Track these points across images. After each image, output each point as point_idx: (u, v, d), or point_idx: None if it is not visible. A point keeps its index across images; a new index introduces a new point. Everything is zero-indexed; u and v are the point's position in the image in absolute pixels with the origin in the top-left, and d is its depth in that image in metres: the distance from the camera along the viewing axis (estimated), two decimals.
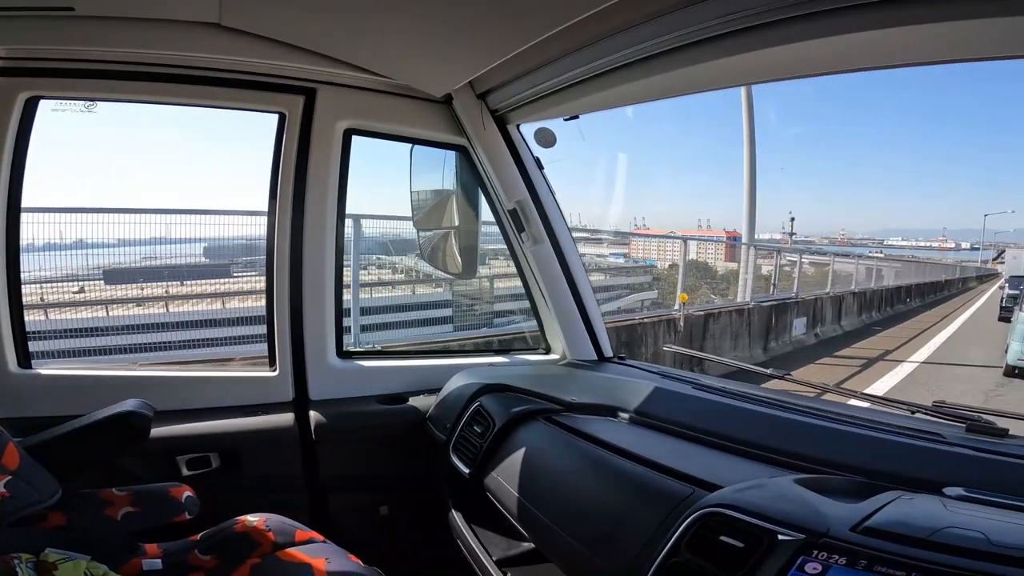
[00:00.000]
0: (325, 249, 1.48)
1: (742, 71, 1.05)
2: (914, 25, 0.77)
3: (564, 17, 0.94)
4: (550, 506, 1.05)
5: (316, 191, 1.45)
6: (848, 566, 0.66)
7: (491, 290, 5.76)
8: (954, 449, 0.95)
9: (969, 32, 0.77)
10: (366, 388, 1.57)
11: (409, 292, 5.95)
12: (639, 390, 1.32)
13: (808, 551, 0.69)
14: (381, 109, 1.49)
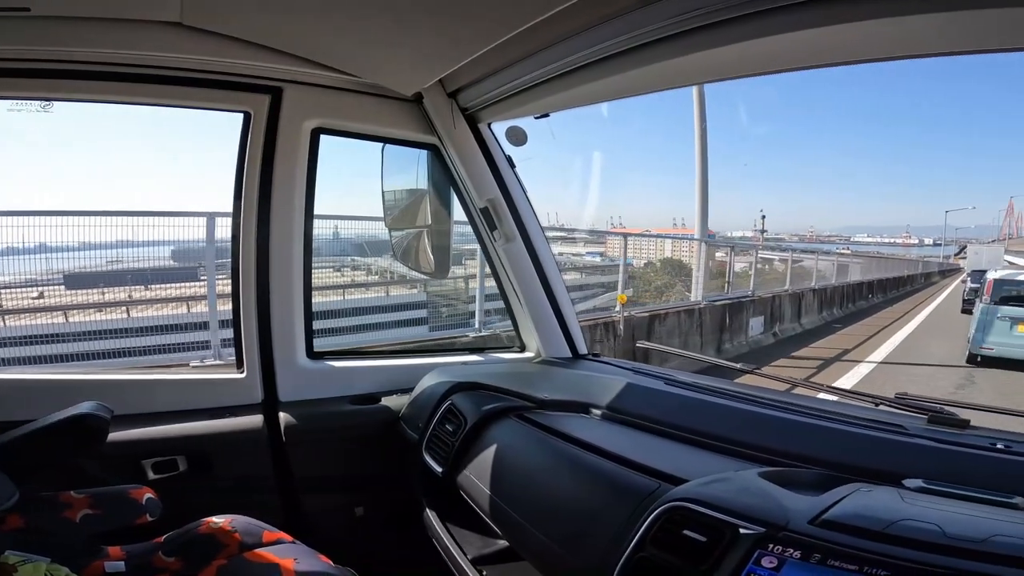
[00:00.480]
0: (293, 249, 1.46)
1: (712, 67, 1.05)
2: (867, 20, 0.78)
3: (532, 14, 0.94)
4: (521, 504, 1.05)
5: (283, 191, 1.43)
6: (803, 560, 0.67)
7: (467, 290, 5.74)
8: (915, 441, 0.97)
9: (918, 28, 0.79)
10: (338, 389, 1.55)
11: (383, 293, 5.90)
12: (611, 386, 1.34)
13: (765, 544, 0.69)
14: (350, 108, 1.48)
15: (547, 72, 1.18)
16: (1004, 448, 0.93)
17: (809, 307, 11.76)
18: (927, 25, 0.77)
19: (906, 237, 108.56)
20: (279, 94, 1.40)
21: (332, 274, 5.50)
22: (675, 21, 0.89)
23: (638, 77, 1.09)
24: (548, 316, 1.68)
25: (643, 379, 1.40)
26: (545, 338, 1.71)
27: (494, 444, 1.19)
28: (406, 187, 1.69)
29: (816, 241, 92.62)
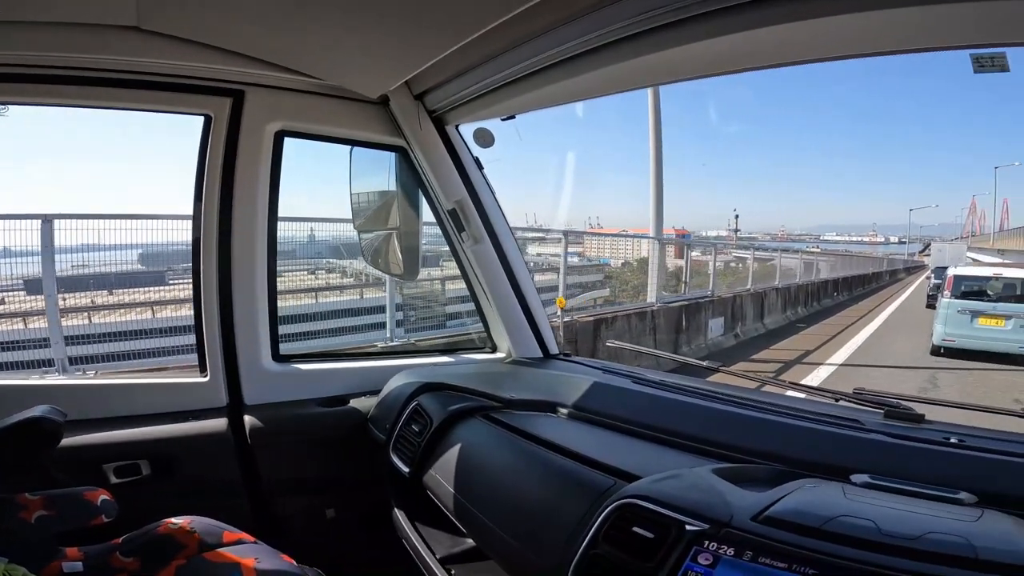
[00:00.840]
0: (256, 252, 1.45)
1: (678, 66, 1.05)
2: (831, 16, 0.77)
3: (496, 15, 0.94)
4: (485, 503, 1.06)
5: (245, 193, 1.42)
6: (736, 557, 0.68)
7: (442, 292, 5.72)
8: (869, 436, 0.98)
9: (878, 24, 0.79)
10: (306, 391, 1.54)
11: (357, 296, 5.84)
12: (579, 386, 1.35)
13: (701, 542, 0.70)
14: (314, 111, 1.47)
15: (513, 73, 1.18)
16: (957, 442, 0.94)
17: (773, 307, 11.50)
18: (886, 22, 0.78)
19: (873, 235, 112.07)
20: (241, 97, 1.39)
21: (305, 277, 5.42)
22: (640, 19, 0.89)
23: (604, 77, 1.10)
24: (518, 317, 1.69)
25: (611, 378, 1.42)
26: (515, 339, 1.72)
27: (459, 444, 1.20)
28: (374, 189, 1.69)
29: (787, 240, 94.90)
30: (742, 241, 34.14)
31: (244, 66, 1.28)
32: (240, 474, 1.44)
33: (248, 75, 1.34)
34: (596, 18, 0.93)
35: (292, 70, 1.33)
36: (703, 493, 0.78)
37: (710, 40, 0.87)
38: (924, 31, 0.80)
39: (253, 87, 1.39)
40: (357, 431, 1.52)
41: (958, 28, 0.79)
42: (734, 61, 1.00)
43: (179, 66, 1.28)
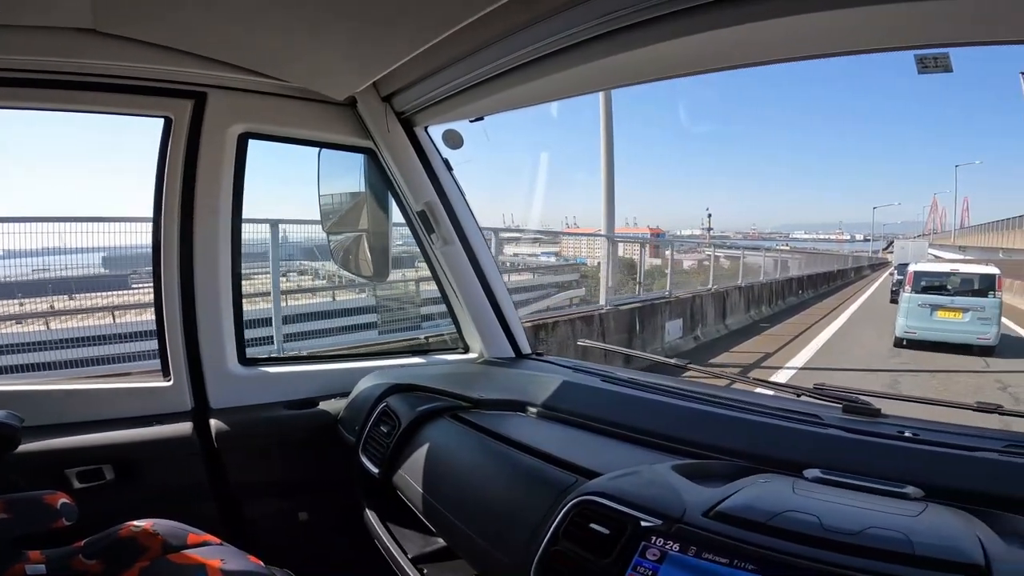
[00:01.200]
0: (219, 256, 1.43)
1: (647, 65, 1.05)
2: (802, 15, 0.77)
3: (462, 15, 0.94)
4: (452, 502, 1.06)
5: (207, 196, 1.40)
6: (681, 552, 0.69)
7: (416, 293, 5.67)
8: (826, 430, 1.00)
9: (844, 24, 0.80)
10: (274, 394, 1.53)
11: (329, 298, 5.76)
12: (548, 385, 1.36)
13: (649, 537, 0.71)
14: (280, 113, 1.46)
15: (482, 74, 1.19)
16: (911, 436, 0.96)
17: (735, 306, 11.12)
18: (833, 24, 0.79)
19: (839, 234, 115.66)
20: (203, 99, 1.37)
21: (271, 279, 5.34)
22: (608, 19, 0.89)
23: (573, 77, 1.10)
24: (489, 317, 1.70)
25: (581, 377, 1.44)
26: (487, 339, 1.73)
27: (427, 444, 1.21)
28: (343, 191, 1.68)
29: (759, 238, 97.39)
30: (715, 240, 34.78)
31: (206, 68, 1.26)
32: (207, 478, 1.43)
33: (210, 77, 1.33)
34: (564, 18, 0.93)
35: (256, 72, 1.31)
36: (659, 489, 0.79)
37: (678, 40, 0.88)
38: (869, 32, 0.82)
39: (215, 89, 1.37)
40: (327, 433, 1.51)
41: (903, 29, 0.80)
42: (701, 61, 1.01)
43: (138, 68, 1.26)
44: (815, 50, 0.91)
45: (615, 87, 1.21)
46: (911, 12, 0.73)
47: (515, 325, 1.76)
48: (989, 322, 8.81)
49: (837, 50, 0.90)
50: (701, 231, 65.90)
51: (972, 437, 0.96)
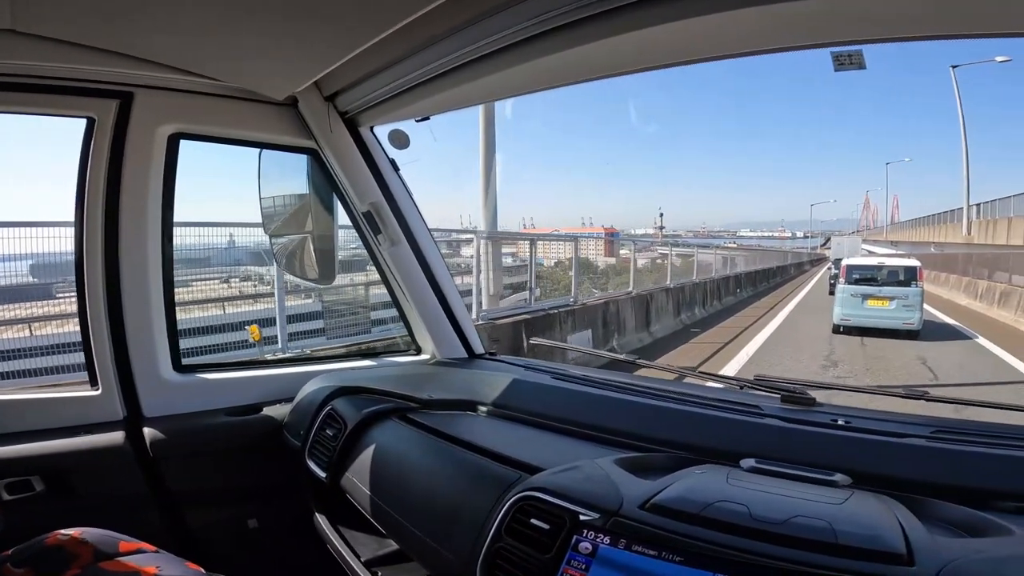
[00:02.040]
0: (148, 261, 1.37)
1: (590, 63, 1.04)
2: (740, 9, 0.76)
3: (403, 14, 0.92)
4: (400, 504, 1.06)
5: (134, 199, 1.34)
6: (612, 545, 0.70)
7: (366, 296, 5.55)
8: (764, 420, 1.02)
9: (745, 25, 0.81)
10: (214, 401, 1.49)
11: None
12: (499, 384, 1.37)
13: (582, 530, 0.72)
14: (214, 113, 1.40)
15: (425, 73, 1.17)
16: (844, 424, 0.99)
17: (662, 311, 10.22)
18: (751, 21, 0.80)
19: (782, 231, 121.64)
20: (129, 99, 1.31)
21: (217, 286, 5.07)
22: (549, 17, 0.89)
23: (516, 75, 1.09)
24: (440, 318, 1.69)
25: (532, 375, 1.45)
26: (439, 340, 1.72)
27: (374, 446, 1.20)
28: (286, 193, 1.64)
29: (708, 236, 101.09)
30: (667, 238, 35.60)
31: (133, 67, 1.20)
32: (146, 488, 1.38)
33: (138, 76, 1.27)
34: (506, 16, 0.93)
35: (188, 71, 1.26)
36: (597, 484, 0.80)
37: (617, 37, 0.88)
38: (785, 30, 0.84)
39: (143, 89, 1.31)
40: (272, 439, 1.47)
41: (821, 26, 0.82)
42: (641, 59, 1.01)
43: (60, 68, 1.19)
44: (742, 48, 0.92)
45: (560, 85, 1.20)
46: (829, 10, 0.75)
47: (467, 325, 1.75)
48: (912, 308, 9.77)
49: (762, 48, 0.91)
50: (654, 229, 67.76)
51: (901, 424, 0.99)
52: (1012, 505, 0.79)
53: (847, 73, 1.19)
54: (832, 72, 1.26)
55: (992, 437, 0.93)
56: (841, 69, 1.23)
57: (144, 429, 1.38)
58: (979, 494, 0.80)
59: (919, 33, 0.79)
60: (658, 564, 0.67)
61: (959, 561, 0.60)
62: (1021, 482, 0.82)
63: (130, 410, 1.40)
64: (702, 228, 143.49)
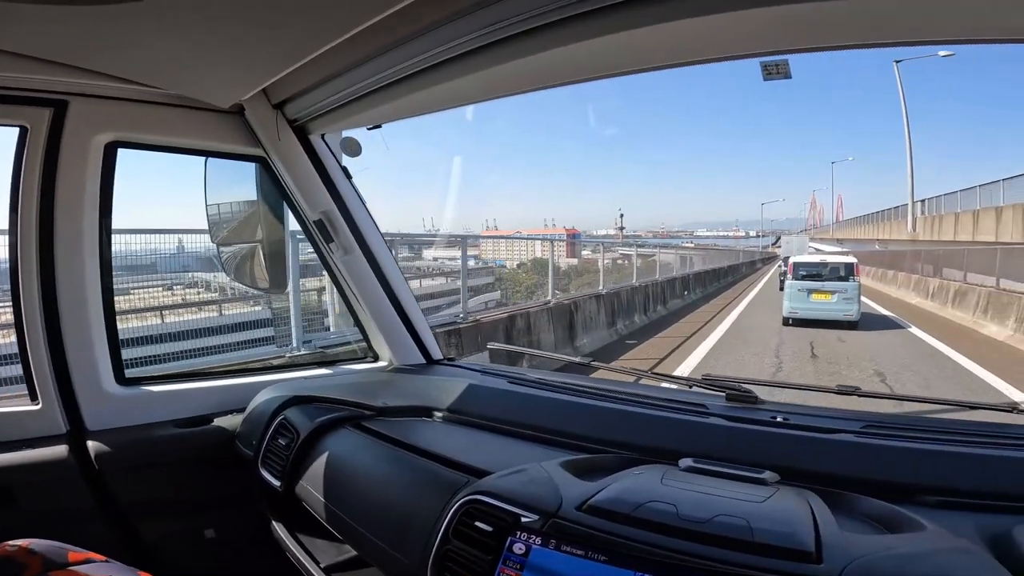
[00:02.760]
0: (86, 271, 1.33)
1: (542, 71, 1.04)
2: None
3: (352, 23, 0.92)
4: (354, 510, 1.07)
5: (69, 208, 1.29)
6: (542, 545, 0.73)
7: (319, 303, 5.42)
8: (708, 419, 1.04)
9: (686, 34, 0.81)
10: (161, 413, 1.45)
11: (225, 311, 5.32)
12: (455, 389, 1.39)
13: (515, 531, 0.75)
14: (155, 121, 1.37)
15: (376, 82, 1.17)
16: (782, 421, 1.02)
17: (591, 321, 9.13)
18: (687, 32, 0.80)
19: (736, 231, 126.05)
20: (63, 107, 1.26)
21: (160, 293, 4.83)
22: (499, 27, 0.89)
23: (467, 85, 1.09)
24: (396, 325, 1.69)
25: (489, 379, 1.47)
26: (395, 347, 1.72)
27: (328, 455, 1.20)
28: (234, 200, 1.60)
29: (667, 236, 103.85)
30: (628, 239, 35.99)
31: (67, 76, 1.16)
32: (94, 501, 1.34)
33: (73, 85, 1.22)
34: (456, 26, 0.93)
35: (126, 79, 1.22)
36: (539, 486, 0.82)
37: (566, 47, 0.88)
38: (716, 41, 0.85)
39: (79, 97, 1.27)
40: (224, 449, 1.45)
41: (748, 37, 0.83)
42: (590, 68, 1.02)
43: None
44: (689, 57, 0.93)
45: (511, 94, 1.21)
46: (761, 19, 0.76)
47: (424, 331, 1.76)
48: (851, 301, 10.68)
49: (718, 56, 0.93)
50: (615, 231, 68.93)
51: (835, 419, 1.02)
52: (933, 499, 0.81)
53: (795, 73, 1.25)
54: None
55: (919, 431, 0.96)
56: (770, 78, 1.26)
57: (88, 443, 1.34)
58: (902, 488, 0.83)
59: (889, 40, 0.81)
60: (584, 563, 0.69)
61: (866, 558, 0.62)
62: (942, 476, 0.84)
63: (72, 424, 1.36)
64: (661, 228, 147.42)
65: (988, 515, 0.76)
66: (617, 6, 0.80)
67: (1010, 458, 0.87)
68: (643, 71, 1.03)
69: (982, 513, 0.77)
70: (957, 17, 0.72)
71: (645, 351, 8.58)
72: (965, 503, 0.80)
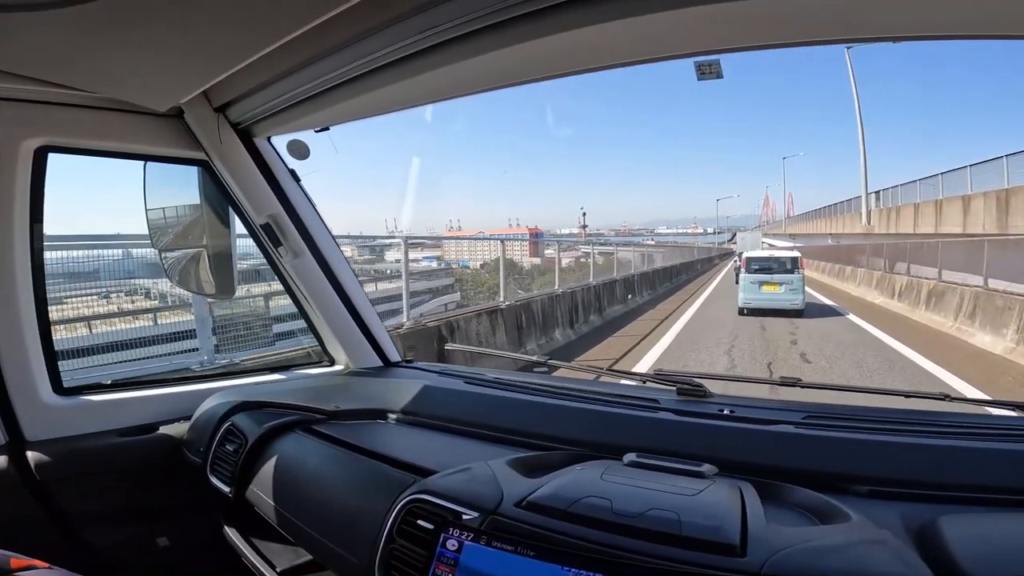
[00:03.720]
0: (16, 279, 1.27)
1: (490, 72, 1.03)
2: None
3: (298, 23, 0.89)
4: (305, 513, 1.06)
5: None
6: (474, 541, 0.74)
7: (267, 309, 5.25)
8: (658, 414, 1.05)
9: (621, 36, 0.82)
10: (104, 423, 1.41)
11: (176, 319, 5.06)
12: (410, 391, 1.39)
13: (448, 528, 0.76)
14: (88, 125, 1.31)
15: (321, 84, 1.15)
16: (728, 414, 1.03)
17: (548, 322, 8.74)
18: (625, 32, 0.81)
19: (694, 228, 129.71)
20: None
21: (96, 302, 4.57)
22: (445, 28, 0.88)
23: (416, 86, 1.08)
24: (351, 328, 1.68)
25: (445, 380, 1.48)
26: (351, 350, 1.71)
27: (278, 459, 1.19)
28: (177, 205, 1.56)
29: (629, 234, 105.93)
30: (591, 237, 36.32)
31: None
32: (39, 511, 1.30)
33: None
34: (402, 28, 0.92)
35: (56, 84, 1.17)
36: (482, 484, 0.82)
37: (514, 47, 0.87)
38: (656, 41, 0.86)
39: (5, 101, 1.21)
40: (171, 457, 1.42)
41: (687, 36, 0.83)
42: (539, 67, 1.01)
43: None
44: (635, 56, 0.93)
45: (460, 95, 1.20)
46: (697, 18, 0.76)
47: (380, 334, 1.75)
48: (797, 292, 11.85)
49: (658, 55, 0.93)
50: (578, 229, 69.74)
51: (778, 411, 1.04)
52: (865, 489, 0.82)
53: (743, 71, 1.22)
54: (729, 74, 1.30)
55: (856, 421, 0.98)
56: (703, 78, 1.25)
57: (28, 453, 1.30)
58: (836, 478, 0.84)
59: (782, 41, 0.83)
60: (513, 559, 0.70)
61: (788, 551, 0.62)
62: (874, 465, 0.86)
63: (11, 435, 1.31)
64: (623, 227, 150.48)
65: (916, 504, 0.77)
66: (558, 7, 0.79)
67: (939, 446, 0.88)
68: (589, 71, 1.03)
69: (910, 502, 0.78)
70: (894, 15, 0.73)
71: (605, 351, 8.47)
72: (895, 492, 0.81)
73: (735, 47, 0.86)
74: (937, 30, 0.76)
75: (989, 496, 0.78)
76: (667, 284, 19.62)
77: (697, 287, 20.30)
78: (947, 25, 0.75)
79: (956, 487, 0.80)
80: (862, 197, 25.03)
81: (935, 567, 0.61)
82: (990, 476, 0.81)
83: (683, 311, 12.70)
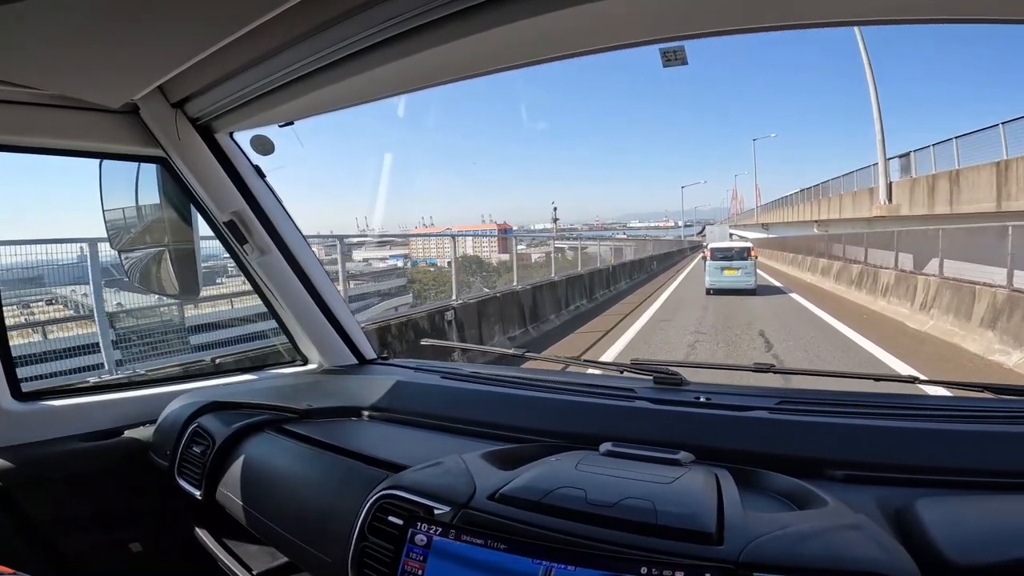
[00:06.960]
0: None
1: (464, 61, 1.02)
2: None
3: (256, 14, 0.86)
4: (277, 514, 1.05)
5: None
6: (443, 536, 0.72)
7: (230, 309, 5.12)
8: (634, 403, 1.05)
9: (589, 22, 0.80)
10: (65, 428, 1.37)
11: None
12: (385, 387, 1.38)
13: (416, 523, 0.74)
14: (36, 123, 1.25)
15: (281, 78, 1.12)
16: (704, 401, 1.03)
17: (506, 322, 8.35)
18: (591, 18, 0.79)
19: (665, 221, 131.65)
20: None
21: (46, 307, 4.36)
22: (408, 17, 0.86)
23: (380, 78, 1.05)
24: (322, 326, 1.65)
25: (421, 376, 1.47)
26: (323, 348, 1.68)
27: (248, 459, 1.17)
28: (136, 204, 1.51)
29: (602, 229, 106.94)
30: (562, 232, 36.40)
31: None
32: (3, 519, 1.26)
33: None
34: (364, 18, 0.89)
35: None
36: (454, 478, 0.81)
37: (477, 36, 0.86)
38: (618, 27, 0.85)
39: None
40: (139, 462, 1.38)
41: (651, 21, 0.82)
42: (511, 55, 0.99)
43: None
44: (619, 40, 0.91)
45: (426, 86, 1.17)
46: (655, 3, 0.76)
47: (354, 330, 1.72)
48: (749, 275, 14.49)
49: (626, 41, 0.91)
50: (551, 224, 69.76)
51: (753, 397, 1.04)
52: (841, 473, 0.82)
53: (705, 60, 1.22)
54: (691, 61, 1.25)
55: (829, 405, 0.98)
56: (669, 65, 1.25)
57: None
58: (813, 463, 0.84)
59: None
60: (484, 552, 0.69)
61: (765, 537, 0.62)
62: (849, 449, 0.86)
63: None
64: (596, 221, 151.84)
65: (891, 488, 0.78)
66: None
67: (911, 429, 0.89)
68: (554, 59, 1.01)
69: (886, 486, 0.78)
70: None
71: (566, 348, 8.08)
72: (871, 476, 0.81)
73: (699, 32, 0.86)
74: (917, 13, 0.76)
75: (961, 479, 0.78)
76: (637, 276, 20.02)
77: (664, 280, 20.84)
78: (922, 8, 0.75)
79: (929, 470, 0.80)
80: (879, 166, 17.46)
81: (913, 550, 0.61)
82: (961, 458, 0.82)
83: (651, 303, 13.34)
